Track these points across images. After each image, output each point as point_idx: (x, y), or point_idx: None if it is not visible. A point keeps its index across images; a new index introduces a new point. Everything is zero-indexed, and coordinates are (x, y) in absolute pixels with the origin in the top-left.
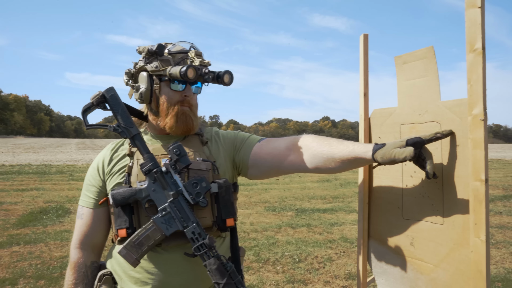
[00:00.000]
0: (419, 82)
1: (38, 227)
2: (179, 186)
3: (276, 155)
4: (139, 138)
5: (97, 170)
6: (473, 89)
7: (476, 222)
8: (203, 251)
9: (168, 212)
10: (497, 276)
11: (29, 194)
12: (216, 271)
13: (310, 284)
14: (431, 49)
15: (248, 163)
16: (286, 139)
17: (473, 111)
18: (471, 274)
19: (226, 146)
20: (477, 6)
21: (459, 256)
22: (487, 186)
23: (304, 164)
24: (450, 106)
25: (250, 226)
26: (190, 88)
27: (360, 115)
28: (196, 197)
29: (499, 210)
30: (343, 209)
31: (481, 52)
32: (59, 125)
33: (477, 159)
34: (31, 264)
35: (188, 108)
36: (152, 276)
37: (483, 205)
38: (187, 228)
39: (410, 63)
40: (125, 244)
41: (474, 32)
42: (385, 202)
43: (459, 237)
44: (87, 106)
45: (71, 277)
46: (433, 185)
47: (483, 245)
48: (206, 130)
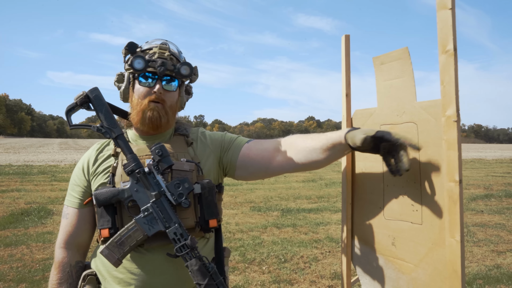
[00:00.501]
0: (396, 82)
1: (19, 229)
2: (162, 187)
3: (264, 156)
4: (122, 139)
5: (82, 170)
6: (446, 90)
7: (451, 223)
8: (185, 252)
9: (150, 212)
10: (478, 274)
11: (9, 195)
12: (197, 272)
13: (296, 284)
14: (406, 50)
15: (236, 164)
16: (273, 141)
17: (446, 112)
18: (447, 274)
19: (213, 147)
20: (448, 8)
21: (436, 256)
22: (461, 186)
23: (291, 162)
24: (426, 107)
25: (235, 227)
26: (160, 83)
27: (342, 116)
28: (178, 197)
29: (480, 209)
30: (329, 209)
31: (452, 54)
32: (40, 125)
33: (451, 160)
34: (12, 267)
35: (160, 104)
36: (135, 276)
37: (457, 206)
38: (169, 229)
39: (387, 63)
40: (107, 244)
41: (446, 33)
42: (368, 202)
43: (437, 237)
44: (71, 106)
45: (55, 276)
46: (412, 185)
47: (458, 245)
48: (192, 131)
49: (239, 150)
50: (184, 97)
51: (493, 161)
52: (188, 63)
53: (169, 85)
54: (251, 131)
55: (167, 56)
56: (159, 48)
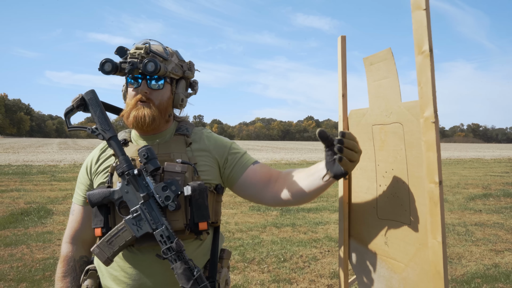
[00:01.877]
0: (384, 83)
1: (19, 228)
2: (151, 189)
3: (263, 185)
4: (115, 140)
5: (85, 169)
6: (423, 91)
7: (432, 224)
8: (170, 254)
9: (139, 213)
10: (477, 273)
11: (9, 195)
12: (182, 275)
13: (295, 283)
14: (389, 51)
15: (237, 182)
16: (275, 171)
17: (424, 113)
18: (431, 275)
19: (215, 151)
20: (422, 8)
21: (423, 256)
22: (441, 188)
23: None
24: (409, 108)
25: (235, 226)
26: (145, 83)
27: (339, 116)
28: (165, 200)
29: (479, 209)
30: (328, 208)
31: (428, 54)
32: (39, 125)
33: (430, 161)
34: (12, 266)
35: (147, 103)
36: (128, 275)
37: (438, 207)
38: (156, 231)
39: (375, 64)
40: (98, 243)
41: (421, 34)
42: (363, 201)
43: (423, 237)
44: (68, 109)
45: (60, 270)
46: (401, 186)
47: (440, 247)
48: (194, 131)
49: (243, 170)
50: (180, 94)
51: (491, 160)
52: (154, 60)
53: (155, 83)
54: (250, 131)
55: (139, 55)
56: (135, 48)
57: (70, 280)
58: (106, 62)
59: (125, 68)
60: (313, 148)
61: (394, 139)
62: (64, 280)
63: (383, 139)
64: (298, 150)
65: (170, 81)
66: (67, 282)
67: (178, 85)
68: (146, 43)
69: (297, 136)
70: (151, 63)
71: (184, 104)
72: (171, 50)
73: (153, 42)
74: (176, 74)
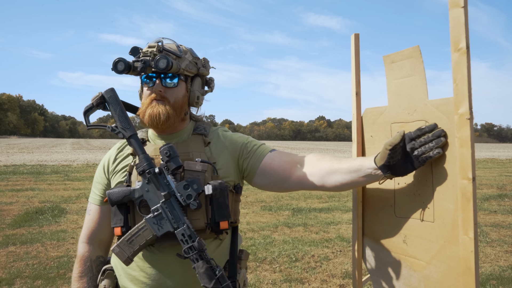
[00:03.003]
0: (407, 81)
1: (34, 227)
2: (172, 187)
3: (286, 169)
4: (135, 138)
5: (103, 169)
6: (459, 88)
7: (464, 220)
8: (192, 254)
9: (160, 212)
10: (492, 274)
11: (24, 194)
12: (204, 275)
13: (307, 283)
14: (417, 49)
15: (257, 171)
16: (296, 155)
17: (459, 110)
18: (460, 271)
19: (231, 148)
20: (460, 6)
21: (449, 253)
22: (474, 184)
23: (311, 179)
24: (437, 105)
25: (246, 226)
26: (159, 82)
27: (352, 114)
28: (187, 199)
29: (493, 209)
30: (339, 208)
31: (465, 52)
32: (53, 125)
33: (464, 157)
34: (28, 264)
35: (162, 102)
36: (147, 275)
37: (470, 203)
38: (178, 230)
39: (398, 62)
40: (119, 242)
41: (458, 31)
42: (378, 200)
43: (449, 235)
44: (88, 107)
45: (77, 270)
46: (423, 183)
47: (471, 243)
48: (211, 130)
49: (262, 158)
50: (196, 92)
51: (506, 160)
52: (165, 56)
53: (169, 81)
54: (261, 131)
55: (151, 53)
56: (148, 46)
57: (86, 280)
58: (119, 61)
59: (137, 66)
60: (324, 148)
61: None
62: (81, 280)
63: None
64: (310, 150)
65: (185, 78)
66: (84, 282)
67: (194, 82)
68: (159, 41)
69: (308, 136)
70: (162, 59)
71: (200, 102)
72: (185, 48)
73: (166, 41)
74: (190, 71)
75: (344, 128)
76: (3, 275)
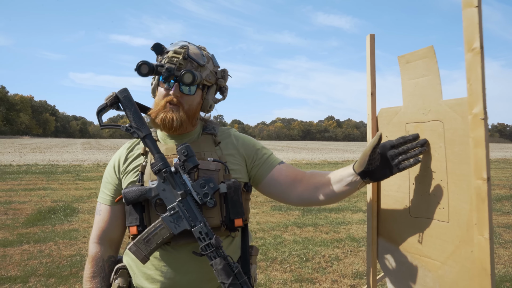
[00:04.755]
0: (421, 81)
1: (46, 226)
2: (188, 186)
3: (290, 185)
4: (150, 138)
5: (113, 168)
6: (473, 88)
7: (479, 220)
8: (209, 251)
9: (176, 211)
10: (506, 276)
11: (36, 193)
12: (221, 271)
13: (317, 283)
14: (431, 49)
15: (263, 181)
16: (299, 172)
17: (473, 110)
18: (476, 272)
19: (243, 150)
20: (474, 6)
21: (464, 254)
22: (489, 184)
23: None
24: (452, 105)
25: (256, 226)
26: (177, 87)
27: (367, 115)
28: (203, 197)
29: (506, 210)
30: (349, 208)
31: (479, 51)
32: (64, 125)
33: (478, 157)
34: (41, 262)
35: (177, 107)
36: (162, 273)
37: (485, 203)
38: (195, 228)
39: (413, 62)
40: (135, 241)
41: (472, 31)
42: (393, 200)
43: (464, 235)
44: (102, 107)
45: (89, 270)
46: (438, 183)
47: (486, 243)
48: (221, 130)
49: (270, 169)
50: (210, 100)
51: None
52: (192, 72)
53: (187, 88)
54: (270, 131)
55: (177, 62)
56: (173, 52)
57: (99, 280)
58: (143, 64)
59: (161, 72)
60: (334, 148)
61: (431, 136)
62: (93, 281)
63: None
64: (319, 150)
65: (202, 87)
66: (96, 282)
67: (209, 90)
68: (184, 46)
69: (317, 136)
70: (188, 74)
71: (211, 109)
72: (208, 55)
73: (191, 46)
74: (209, 81)
75: (353, 128)
76: (17, 272)
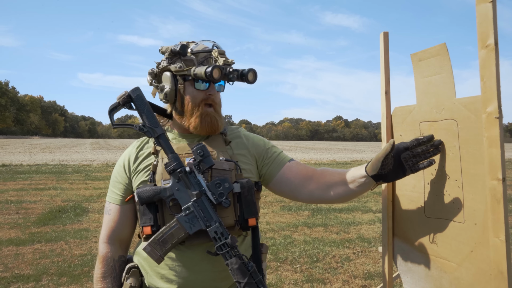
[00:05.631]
0: (435, 79)
1: (57, 225)
2: (203, 186)
3: (300, 182)
4: (163, 138)
5: (123, 168)
6: (487, 86)
7: (494, 222)
8: (225, 251)
9: (191, 211)
10: None
11: (47, 193)
12: (237, 270)
13: (328, 283)
14: (444, 46)
15: (274, 179)
16: (310, 169)
17: (487, 108)
18: (492, 275)
19: (253, 150)
20: (488, 1)
21: (480, 256)
22: (504, 185)
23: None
24: (465, 103)
25: (266, 226)
26: (214, 87)
27: (382, 113)
28: (219, 197)
29: None
30: (359, 208)
31: (493, 48)
32: (73, 125)
33: (493, 157)
34: (53, 261)
35: (212, 107)
36: (176, 273)
37: (501, 204)
38: (210, 228)
39: (425, 60)
40: (150, 241)
41: (486, 27)
42: (408, 200)
43: (480, 236)
44: (114, 106)
45: (99, 270)
46: (453, 183)
47: (502, 245)
48: (230, 129)
49: (280, 167)
50: None
51: None
52: (254, 70)
53: (220, 86)
54: (278, 131)
55: (231, 62)
56: (218, 53)
57: (110, 280)
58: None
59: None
60: (342, 148)
61: (445, 136)
62: (104, 281)
63: None
64: (328, 150)
65: None
66: (107, 282)
67: None
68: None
69: (325, 136)
70: (253, 73)
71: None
72: None
73: None
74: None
75: (361, 128)
76: (30, 271)
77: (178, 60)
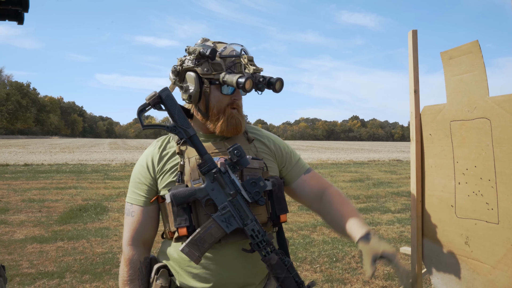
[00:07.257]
0: (466, 77)
1: (78, 224)
2: (238, 186)
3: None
4: (196, 139)
5: (146, 168)
6: None
7: None
8: (262, 247)
9: (228, 210)
10: None
11: (68, 192)
12: (276, 266)
13: (349, 283)
14: (477, 43)
15: (290, 186)
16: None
17: None
18: None
19: (276, 152)
20: None
21: None
22: None
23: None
24: (499, 102)
25: (284, 225)
26: (239, 91)
27: (411, 112)
28: (255, 196)
29: None
30: (378, 209)
31: None
32: (91, 126)
33: None
34: (76, 259)
35: (236, 110)
36: (210, 271)
37: None
38: (247, 226)
39: (456, 58)
40: (187, 242)
41: None
42: (438, 200)
43: None
44: (143, 107)
45: (126, 273)
46: (486, 183)
47: None
48: (249, 128)
49: (299, 175)
50: None
51: None
52: (281, 80)
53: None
54: (294, 131)
55: (260, 70)
56: (248, 59)
57: (138, 283)
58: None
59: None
60: (359, 148)
61: (478, 135)
62: (132, 283)
63: (464, 136)
64: (344, 150)
65: None
66: (135, 285)
67: None
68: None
69: (342, 136)
70: (280, 83)
71: None
72: None
73: None
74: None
75: (378, 128)
76: (54, 268)
77: (205, 62)
